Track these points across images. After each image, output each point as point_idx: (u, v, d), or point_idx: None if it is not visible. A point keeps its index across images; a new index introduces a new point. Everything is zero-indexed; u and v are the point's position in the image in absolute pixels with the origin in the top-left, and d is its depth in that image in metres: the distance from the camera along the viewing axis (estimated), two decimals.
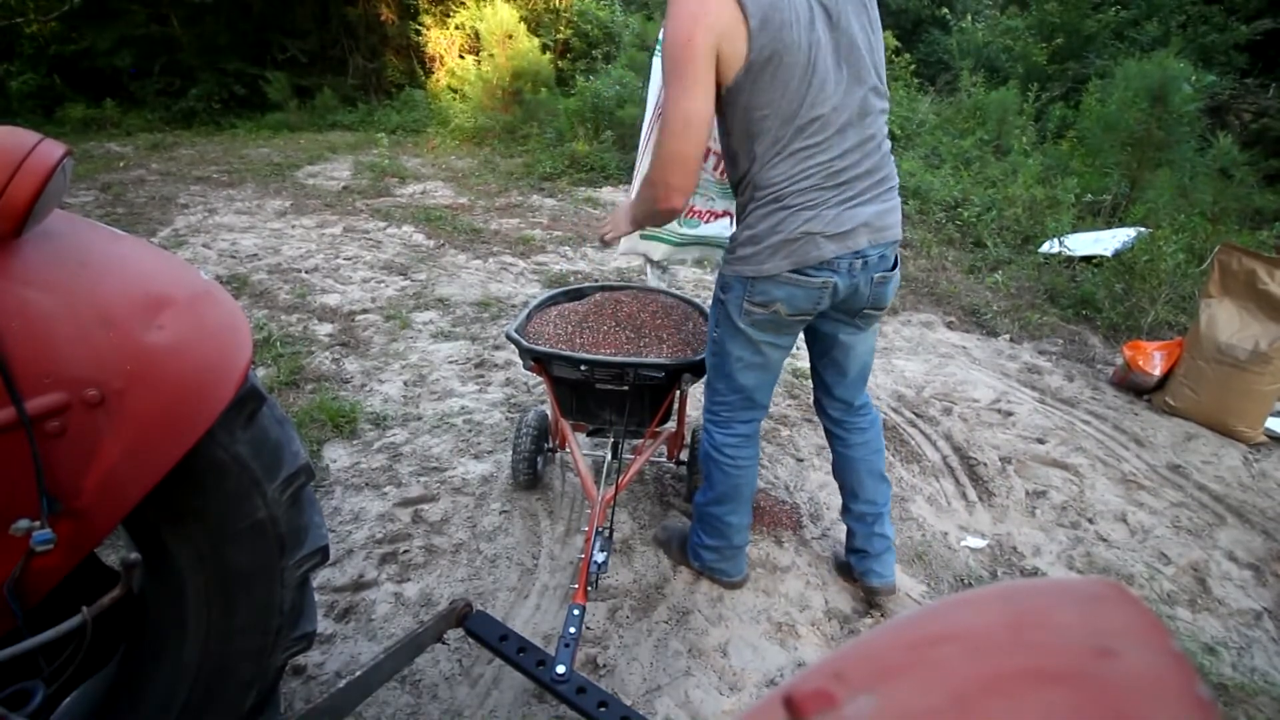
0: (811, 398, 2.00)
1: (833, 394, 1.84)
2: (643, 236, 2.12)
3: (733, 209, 1.80)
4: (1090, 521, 2.38)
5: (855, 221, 1.46)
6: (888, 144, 1.54)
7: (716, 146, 1.75)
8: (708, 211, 2.10)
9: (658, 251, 2.18)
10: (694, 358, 1.90)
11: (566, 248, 5.08)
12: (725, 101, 1.42)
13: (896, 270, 1.61)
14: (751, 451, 1.82)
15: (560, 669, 1.33)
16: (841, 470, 1.92)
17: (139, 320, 0.86)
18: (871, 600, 1.93)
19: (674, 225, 2.08)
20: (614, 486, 1.91)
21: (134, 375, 0.84)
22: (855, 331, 1.71)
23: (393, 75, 11.85)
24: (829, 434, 1.94)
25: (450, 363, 3.25)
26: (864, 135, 1.46)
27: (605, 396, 1.98)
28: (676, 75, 1.35)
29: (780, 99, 1.38)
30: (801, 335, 1.75)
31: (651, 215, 1.59)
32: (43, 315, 0.80)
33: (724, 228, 2.11)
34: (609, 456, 2.12)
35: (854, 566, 1.92)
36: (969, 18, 11.58)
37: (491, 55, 9.51)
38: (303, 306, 3.84)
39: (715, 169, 1.97)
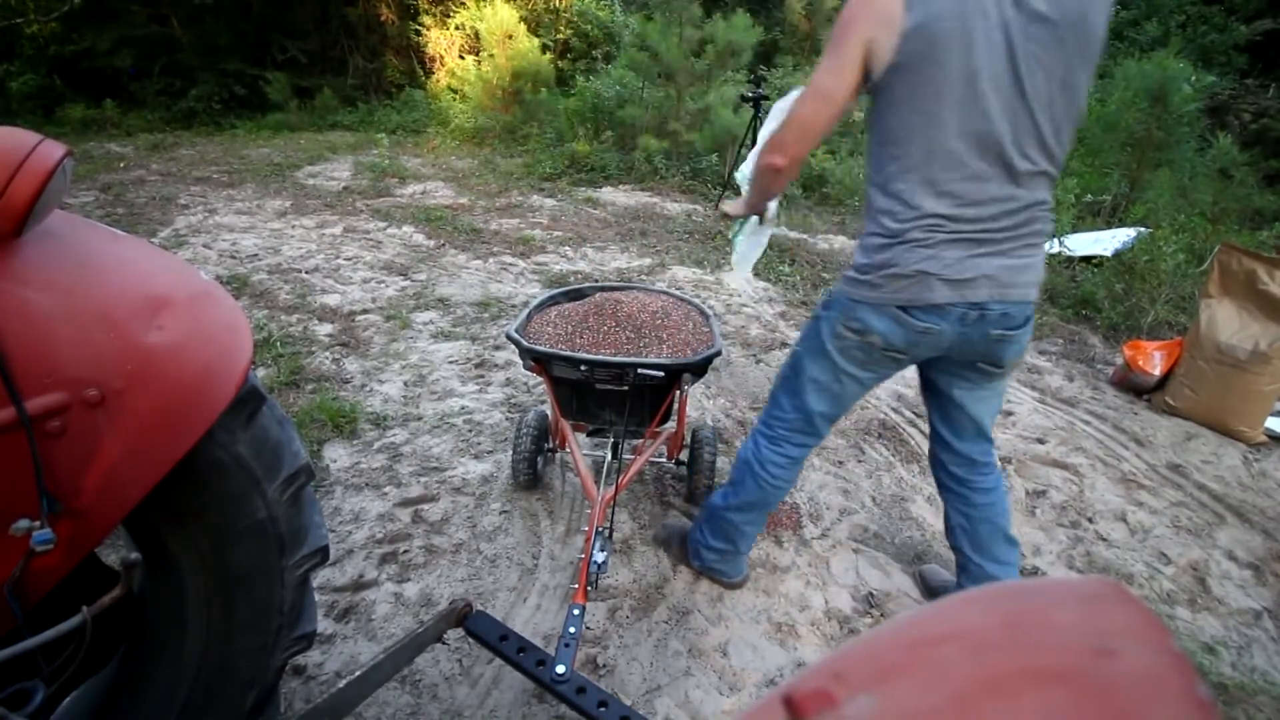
0: (927, 450, 1.90)
1: (952, 449, 1.72)
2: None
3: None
4: (1090, 521, 2.38)
5: (978, 271, 1.34)
6: (1045, 206, 1.38)
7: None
8: None
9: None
10: (694, 358, 1.90)
11: (566, 248, 5.08)
12: (873, 97, 1.35)
13: (1024, 330, 1.45)
14: (793, 475, 1.74)
15: (560, 669, 1.33)
16: (964, 534, 1.77)
17: (139, 320, 0.86)
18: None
19: None
20: (614, 486, 1.91)
21: (134, 375, 0.84)
22: (971, 386, 1.58)
23: (393, 75, 11.87)
24: (947, 493, 1.79)
25: (450, 363, 3.25)
26: (1013, 190, 1.32)
27: (605, 396, 1.98)
28: (831, 50, 1.32)
29: (920, 117, 1.29)
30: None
31: (760, 173, 1.53)
32: (43, 315, 0.80)
33: None
34: (609, 456, 2.12)
35: None
36: None
37: (491, 55, 9.52)
38: (303, 307, 3.84)
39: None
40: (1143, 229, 4.87)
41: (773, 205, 1.79)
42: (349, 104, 11.15)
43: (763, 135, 1.68)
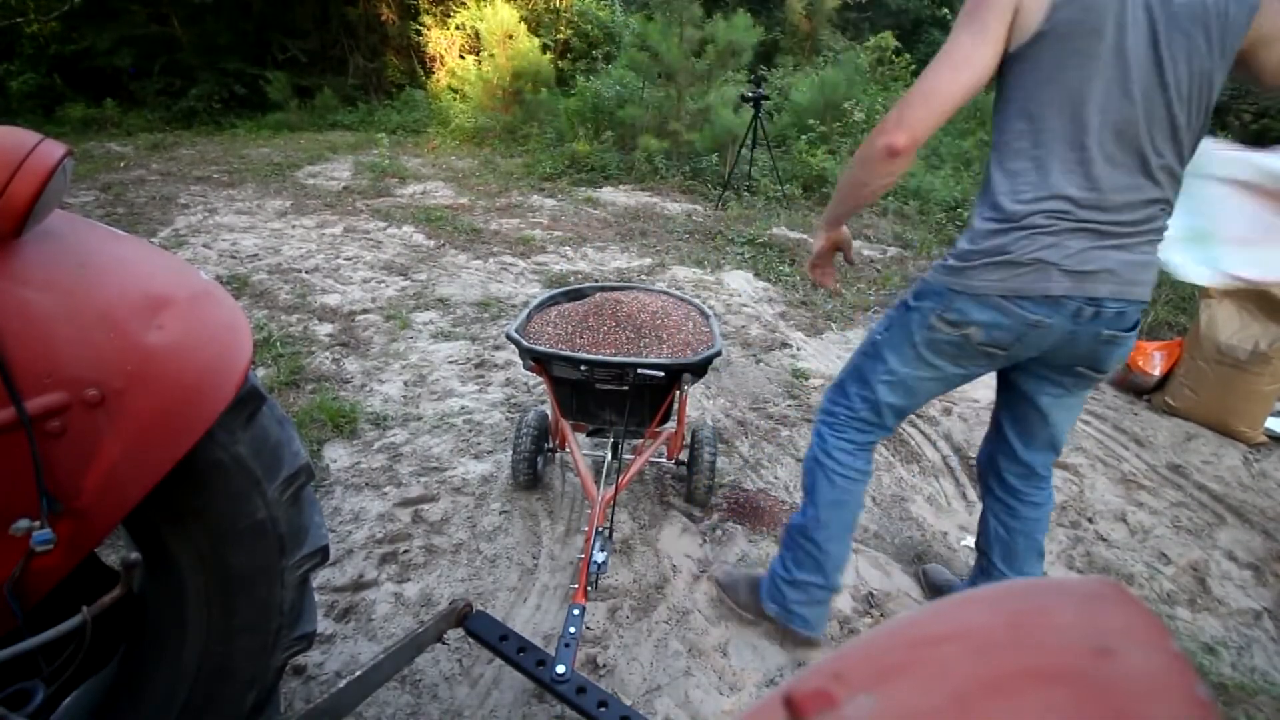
0: (977, 454, 1.78)
1: (1015, 456, 1.61)
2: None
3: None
4: (1090, 521, 2.38)
5: (1101, 264, 1.25)
6: (1169, 204, 1.30)
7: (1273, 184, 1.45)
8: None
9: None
10: (694, 358, 1.90)
11: (566, 248, 5.08)
12: (1005, 68, 1.25)
13: (1133, 335, 1.37)
14: (865, 464, 1.61)
15: (560, 669, 1.33)
16: (999, 543, 1.70)
17: (139, 320, 0.86)
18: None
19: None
20: (614, 486, 1.91)
21: (134, 375, 0.84)
22: (1060, 394, 1.48)
23: (393, 75, 11.87)
24: (993, 500, 1.70)
25: (450, 363, 3.25)
26: (1142, 182, 1.24)
27: (605, 396, 1.98)
28: (970, 14, 1.20)
29: (1058, 91, 1.19)
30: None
31: (865, 162, 1.31)
32: (43, 315, 0.80)
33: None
34: (609, 456, 2.12)
35: None
36: None
37: (492, 55, 9.53)
38: (303, 306, 3.84)
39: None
40: None
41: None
42: (349, 104, 11.16)
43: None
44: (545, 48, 10.12)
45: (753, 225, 5.61)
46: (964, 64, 1.20)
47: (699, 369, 1.89)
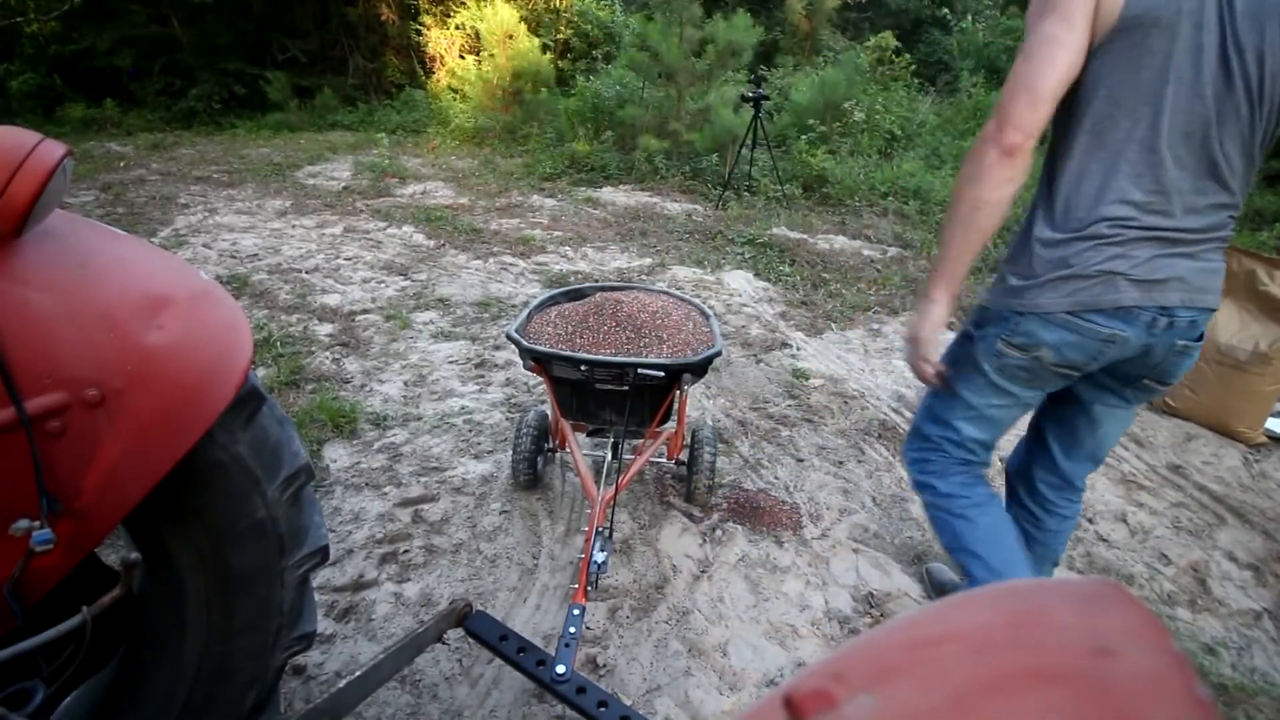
0: (1008, 459, 1.72)
1: (1053, 465, 1.55)
2: None
3: None
4: (1090, 521, 2.38)
5: (1170, 272, 1.19)
6: (1236, 212, 1.24)
7: None
8: None
9: None
10: (694, 358, 1.90)
11: (566, 248, 5.08)
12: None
13: (1199, 345, 1.31)
14: (984, 489, 1.51)
15: (560, 669, 1.33)
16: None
17: (139, 320, 0.86)
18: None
19: None
20: (614, 486, 1.91)
21: (134, 375, 0.84)
22: (1119, 405, 1.41)
23: (393, 75, 11.87)
24: (1018, 508, 1.63)
25: (450, 363, 3.25)
26: (1210, 187, 1.18)
27: (605, 396, 1.98)
28: (1050, 8, 1.12)
29: (1130, 90, 1.13)
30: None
31: (977, 176, 1.19)
32: (43, 315, 0.80)
33: None
34: (609, 456, 2.12)
35: None
36: (969, 18, 11.59)
37: (492, 55, 9.53)
38: (303, 306, 3.84)
39: None
40: None
41: None
42: (349, 104, 11.16)
43: None
44: (545, 48, 10.12)
45: (753, 225, 5.61)
46: (1059, 51, 1.11)
47: (699, 369, 1.89)
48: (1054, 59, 1.11)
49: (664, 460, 2.37)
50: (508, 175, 7.37)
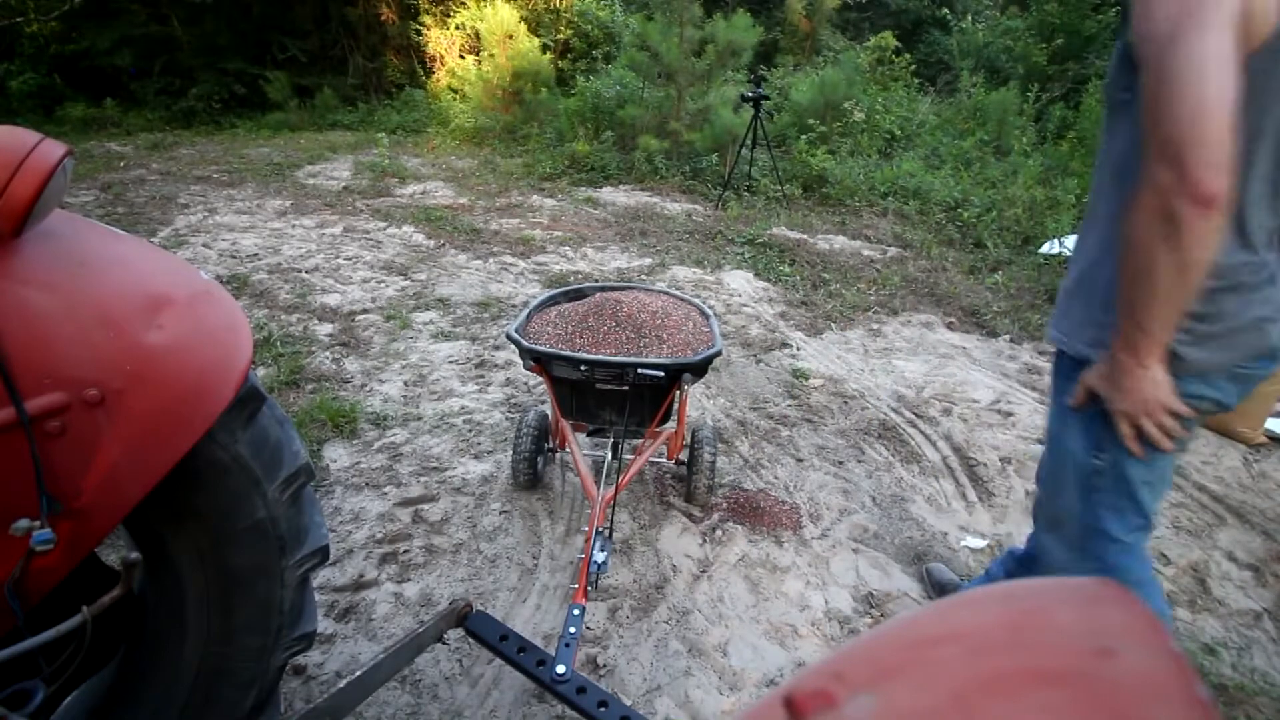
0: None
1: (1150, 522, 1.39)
2: None
3: None
4: None
5: None
6: None
7: None
8: None
9: None
10: (694, 358, 1.90)
11: (566, 248, 5.08)
12: None
13: None
14: (1141, 558, 1.37)
15: (560, 669, 1.33)
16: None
17: (139, 320, 0.86)
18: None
19: None
20: (614, 486, 1.91)
21: (134, 375, 0.84)
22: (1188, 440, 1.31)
23: (393, 75, 11.87)
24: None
25: (450, 363, 3.25)
26: None
27: (605, 396, 1.98)
28: (1187, 12, 0.91)
29: (1271, 118, 0.99)
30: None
31: (1167, 241, 0.95)
32: (43, 315, 0.80)
33: None
34: (609, 456, 2.12)
35: None
36: (969, 18, 11.59)
37: (492, 55, 9.53)
38: (303, 306, 3.84)
39: None
40: None
41: None
42: (349, 104, 11.15)
43: None
44: (545, 48, 10.12)
45: (753, 225, 5.61)
46: (1203, 61, 0.91)
47: (699, 369, 1.89)
48: (1213, 73, 0.90)
49: (664, 460, 2.37)
50: (508, 175, 7.37)
